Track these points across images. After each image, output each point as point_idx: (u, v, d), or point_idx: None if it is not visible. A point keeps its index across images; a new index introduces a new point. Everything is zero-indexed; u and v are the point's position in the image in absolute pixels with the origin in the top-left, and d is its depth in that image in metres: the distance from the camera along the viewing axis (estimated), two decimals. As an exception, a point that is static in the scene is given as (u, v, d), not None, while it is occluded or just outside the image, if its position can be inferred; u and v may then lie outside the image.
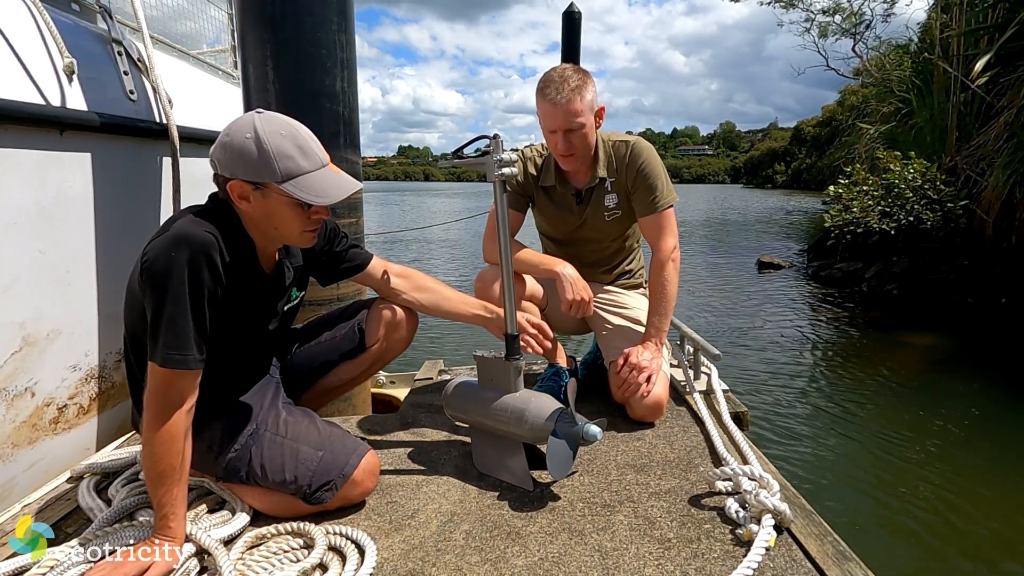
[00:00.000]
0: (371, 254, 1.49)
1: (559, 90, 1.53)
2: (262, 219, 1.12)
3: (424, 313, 1.54)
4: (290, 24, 1.76)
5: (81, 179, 1.56)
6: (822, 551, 1.06)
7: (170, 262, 1.00)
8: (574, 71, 1.56)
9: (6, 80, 1.39)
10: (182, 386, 1.03)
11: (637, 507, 1.22)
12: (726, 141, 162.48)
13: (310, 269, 1.39)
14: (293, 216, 1.11)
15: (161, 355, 1.00)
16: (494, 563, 1.06)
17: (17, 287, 1.41)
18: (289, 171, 1.06)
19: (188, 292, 1.01)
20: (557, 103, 1.53)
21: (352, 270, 1.45)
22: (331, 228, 1.40)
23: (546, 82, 1.56)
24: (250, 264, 1.16)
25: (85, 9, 1.93)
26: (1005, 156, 5.64)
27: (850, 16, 14.87)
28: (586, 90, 1.55)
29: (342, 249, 1.42)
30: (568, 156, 1.61)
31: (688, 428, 1.60)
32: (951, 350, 4.65)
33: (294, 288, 1.32)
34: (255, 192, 1.08)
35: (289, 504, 1.18)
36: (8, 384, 1.40)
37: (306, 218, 1.12)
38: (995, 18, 6.36)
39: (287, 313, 1.33)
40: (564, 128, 1.55)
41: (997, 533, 2.17)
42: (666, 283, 1.64)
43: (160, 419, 1.01)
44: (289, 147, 1.07)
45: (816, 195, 21.39)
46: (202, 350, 1.05)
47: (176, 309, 1.01)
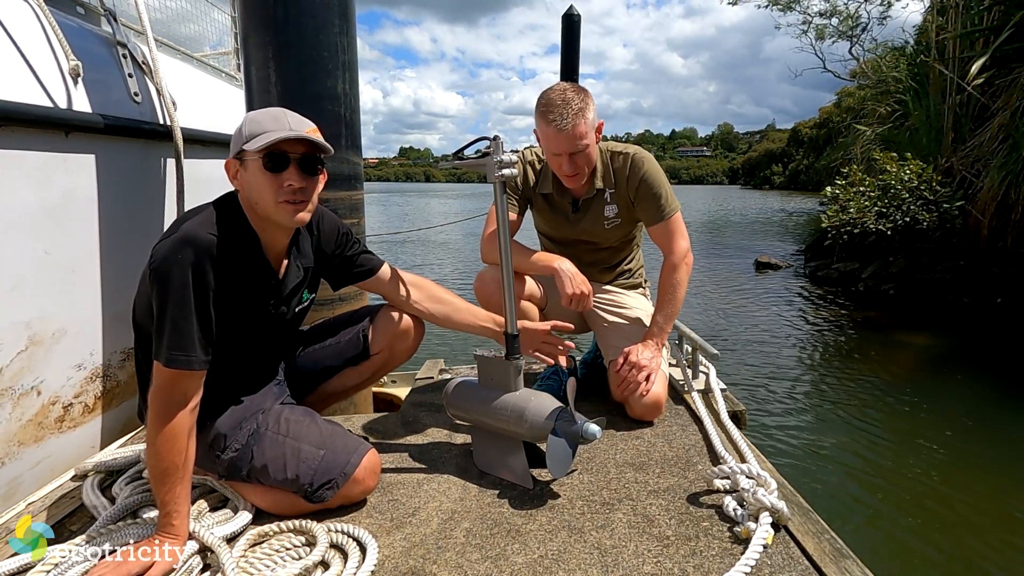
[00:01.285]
0: (382, 260, 1.49)
1: (563, 115, 1.51)
2: (249, 196, 1.14)
3: (433, 323, 1.53)
4: (292, 27, 1.77)
5: (86, 180, 1.58)
6: (819, 548, 1.06)
7: (175, 264, 1.02)
8: (575, 92, 1.54)
9: (12, 82, 1.41)
10: (185, 386, 1.04)
11: (636, 505, 1.23)
12: (724, 142, 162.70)
13: (321, 271, 1.40)
14: (264, 183, 1.10)
15: (165, 355, 1.02)
16: (494, 560, 1.06)
17: (23, 287, 1.42)
18: (253, 132, 1.09)
19: (192, 294, 1.03)
20: (563, 128, 1.51)
21: (363, 275, 1.45)
22: (343, 232, 1.40)
23: (548, 106, 1.53)
24: (256, 260, 1.17)
25: (90, 12, 1.94)
26: (1000, 157, 5.68)
27: (847, 19, 14.95)
28: (588, 111, 1.55)
29: (354, 253, 1.43)
30: (573, 176, 1.61)
31: (686, 427, 1.61)
32: (947, 349, 4.68)
33: (305, 290, 1.33)
34: (241, 168, 1.13)
35: (291, 502, 1.19)
36: (14, 383, 1.41)
37: (277, 185, 1.10)
38: (991, 21, 6.40)
39: (298, 315, 1.34)
40: (569, 151, 1.56)
41: (991, 529, 2.19)
42: (677, 285, 1.66)
43: (163, 417, 1.02)
44: (263, 118, 1.11)
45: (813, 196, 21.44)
46: (207, 351, 1.06)
47: (180, 311, 1.02)
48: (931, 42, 7.14)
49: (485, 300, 1.66)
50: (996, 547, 2.10)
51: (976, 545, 2.12)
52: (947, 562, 2.04)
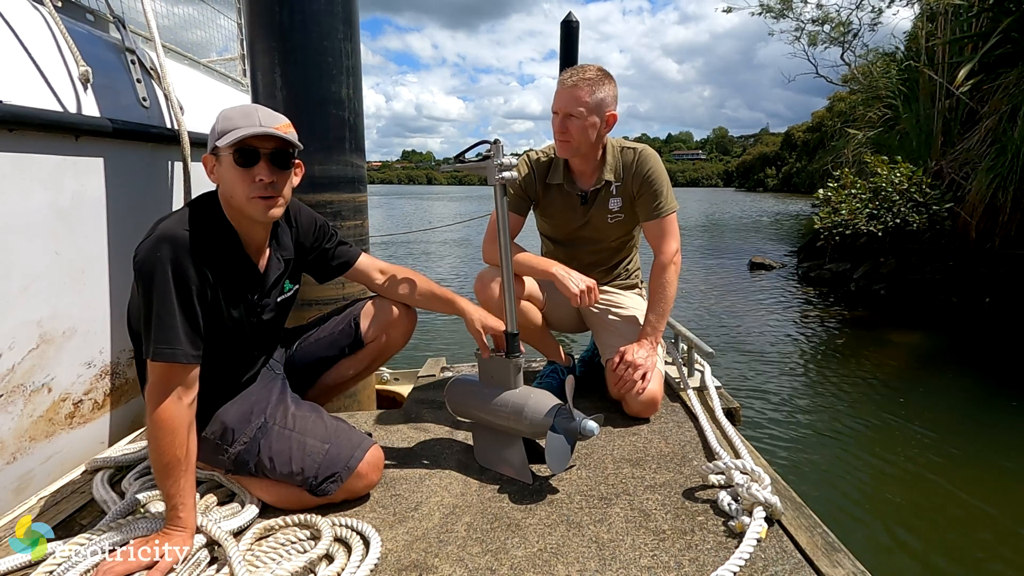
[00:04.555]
0: (360, 251, 1.51)
1: (572, 76, 1.59)
2: (225, 191, 1.16)
3: (410, 305, 1.56)
4: (298, 33, 1.79)
5: (96, 183, 1.60)
6: (811, 542, 1.08)
7: (155, 261, 1.04)
8: (598, 70, 1.62)
9: (24, 88, 1.43)
10: (178, 380, 1.05)
11: (633, 500, 1.25)
12: (719, 146, 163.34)
13: (302, 263, 1.41)
14: (236, 178, 1.12)
15: (152, 350, 1.04)
16: (495, 554, 1.08)
17: (35, 287, 1.44)
18: (224, 129, 1.11)
19: (173, 288, 1.04)
20: (565, 85, 1.60)
21: (342, 267, 1.47)
22: (320, 225, 1.42)
23: (571, 70, 1.63)
24: (236, 255, 1.18)
25: (100, 19, 1.96)
26: (988, 161, 5.76)
27: (839, 25, 15.11)
28: (598, 88, 1.58)
29: (331, 246, 1.44)
30: (563, 142, 1.65)
31: (682, 423, 1.63)
32: (936, 348, 4.73)
33: (286, 280, 1.34)
34: (216, 163, 1.15)
35: (296, 497, 1.21)
36: (26, 380, 1.44)
37: (249, 180, 1.12)
38: (979, 27, 6.48)
39: (281, 304, 1.35)
40: (564, 111, 1.60)
41: (979, 522, 2.23)
42: (667, 285, 1.68)
43: (160, 412, 1.03)
44: (234, 115, 1.13)
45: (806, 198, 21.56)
46: (195, 345, 1.07)
47: (163, 305, 1.04)
48: (921, 48, 7.22)
49: (485, 300, 1.67)
50: (983, 539, 2.14)
51: (963, 538, 2.16)
52: (935, 554, 2.08)
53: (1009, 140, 5.57)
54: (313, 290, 1.84)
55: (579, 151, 1.67)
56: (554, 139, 1.70)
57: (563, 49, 4.66)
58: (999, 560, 2.04)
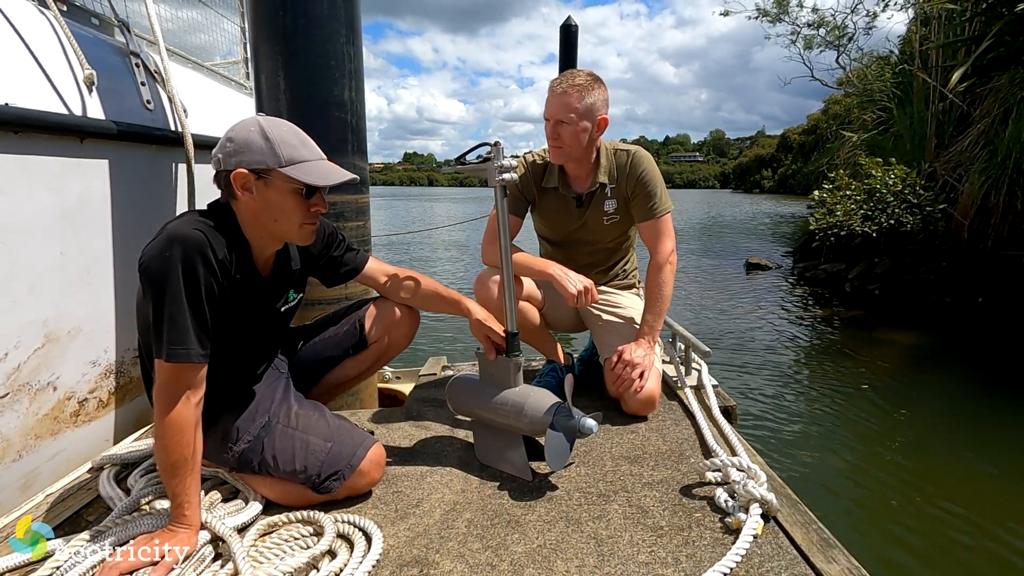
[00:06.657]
0: (367, 256, 1.52)
1: (562, 82, 1.61)
2: (262, 211, 1.13)
3: (415, 307, 1.58)
4: (301, 36, 1.80)
5: (100, 185, 1.61)
6: (807, 538, 1.08)
7: (165, 261, 1.03)
8: (588, 75, 1.63)
9: (30, 90, 1.44)
10: (188, 379, 1.06)
11: (631, 497, 1.25)
12: (716, 148, 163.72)
13: (309, 271, 1.42)
14: (294, 206, 1.13)
15: (165, 350, 1.04)
16: (495, 550, 1.09)
17: (40, 287, 1.46)
18: (292, 157, 1.11)
19: (184, 289, 1.04)
20: (555, 92, 1.61)
21: (350, 274, 1.49)
22: (329, 232, 1.43)
23: (560, 76, 1.65)
24: (245, 265, 1.18)
25: (104, 23, 1.97)
26: (981, 163, 5.82)
27: (834, 29, 15.19)
28: (588, 94, 1.60)
29: (340, 253, 1.46)
30: (556, 147, 1.66)
31: (679, 421, 1.65)
32: (930, 347, 4.77)
33: (291, 290, 1.35)
34: (258, 182, 1.11)
35: (299, 494, 1.23)
36: (31, 379, 1.45)
37: (305, 209, 1.14)
38: (972, 31, 6.53)
39: (284, 314, 1.36)
40: (555, 118, 1.62)
41: (973, 519, 2.25)
42: (663, 284, 1.70)
43: (169, 412, 1.04)
44: (291, 137, 1.13)
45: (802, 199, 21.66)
46: (204, 344, 1.07)
47: (175, 306, 1.03)
48: (915, 52, 7.28)
49: (484, 300, 1.68)
50: (977, 535, 2.16)
51: (958, 534, 2.17)
52: (929, 550, 2.10)
53: (1001, 142, 5.62)
54: (317, 290, 1.86)
55: (572, 156, 1.68)
56: (547, 145, 1.72)
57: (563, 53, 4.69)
58: (991, 556, 2.06)
